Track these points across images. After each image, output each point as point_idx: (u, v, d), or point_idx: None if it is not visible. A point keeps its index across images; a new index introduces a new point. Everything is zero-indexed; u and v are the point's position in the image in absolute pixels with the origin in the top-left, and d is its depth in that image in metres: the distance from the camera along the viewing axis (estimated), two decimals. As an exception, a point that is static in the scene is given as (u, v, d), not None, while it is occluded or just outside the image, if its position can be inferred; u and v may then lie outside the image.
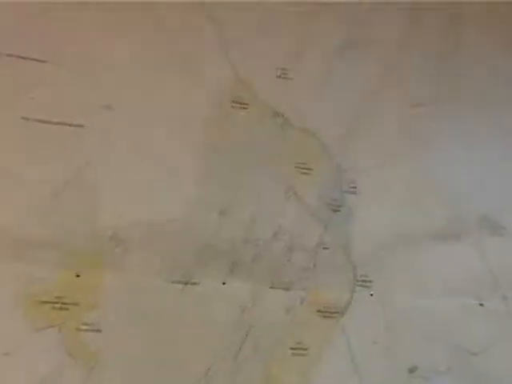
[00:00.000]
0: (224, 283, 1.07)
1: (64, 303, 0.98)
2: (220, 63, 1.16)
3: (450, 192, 1.26)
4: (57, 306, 0.97)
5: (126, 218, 1.04)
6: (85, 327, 0.98)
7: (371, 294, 1.16)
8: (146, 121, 1.10)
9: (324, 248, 1.14)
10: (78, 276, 0.99)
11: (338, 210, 1.18)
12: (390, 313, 1.16)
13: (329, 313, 1.12)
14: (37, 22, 1.06)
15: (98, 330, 0.99)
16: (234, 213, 1.11)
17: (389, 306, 1.16)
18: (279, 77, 1.19)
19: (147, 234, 1.04)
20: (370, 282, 1.16)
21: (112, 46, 1.10)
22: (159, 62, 1.13)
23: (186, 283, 1.04)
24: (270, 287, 1.09)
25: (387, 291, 1.17)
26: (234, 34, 1.18)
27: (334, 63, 1.24)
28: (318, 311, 1.11)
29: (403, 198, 1.22)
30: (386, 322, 1.15)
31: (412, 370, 1.15)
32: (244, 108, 1.16)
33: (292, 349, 1.08)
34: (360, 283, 1.15)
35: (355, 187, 1.20)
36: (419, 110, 1.27)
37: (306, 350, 1.09)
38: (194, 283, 1.04)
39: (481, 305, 1.21)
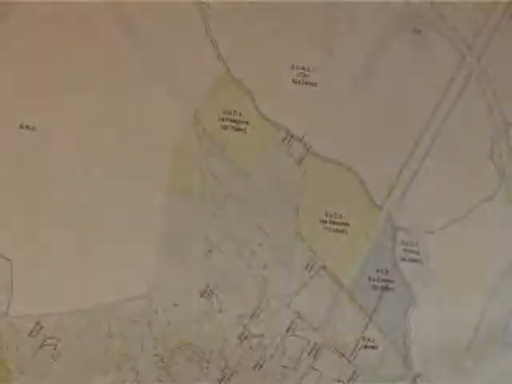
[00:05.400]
0: (212, 402, 0.84)
1: None
2: (203, 57, 0.89)
3: None
4: None
5: (55, 302, 0.82)
6: None
7: (444, 422, 0.89)
8: (84, 155, 0.86)
9: (368, 347, 0.89)
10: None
11: (390, 288, 0.91)
12: None
13: None
14: None
15: None
16: (224, 294, 0.86)
17: None
18: (296, 81, 0.91)
19: (88, 327, 0.82)
20: (441, 401, 0.89)
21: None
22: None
23: (153, 403, 0.81)
24: (284, 409, 0.86)
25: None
26: (226, 12, 0.90)
27: (383, 59, 0.93)
28: None
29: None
30: None
31: None
32: (240, 129, 0.89)
33: None
34: (426, 404, 0.89)
35: (417, 252, 0.92)
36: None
37: None
38: (167, 403, 0.82)
39: None
